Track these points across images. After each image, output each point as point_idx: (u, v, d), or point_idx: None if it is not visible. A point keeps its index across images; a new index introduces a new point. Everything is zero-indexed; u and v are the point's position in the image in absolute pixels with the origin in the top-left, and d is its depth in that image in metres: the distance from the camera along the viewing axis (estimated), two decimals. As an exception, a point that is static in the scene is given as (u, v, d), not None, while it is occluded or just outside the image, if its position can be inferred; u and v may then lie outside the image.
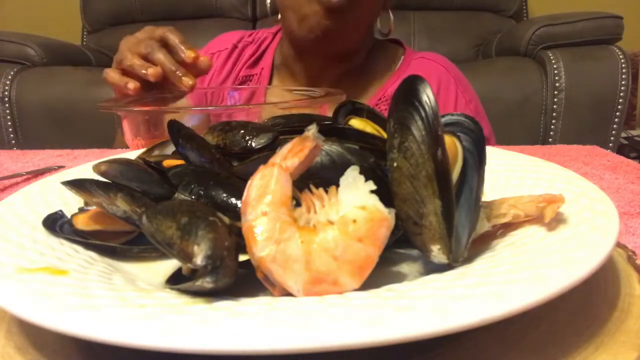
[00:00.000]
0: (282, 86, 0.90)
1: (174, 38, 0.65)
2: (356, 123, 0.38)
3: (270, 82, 0.91)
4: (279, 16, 0.87)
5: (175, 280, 0.27)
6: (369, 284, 0.26)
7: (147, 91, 0.66)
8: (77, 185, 0.33)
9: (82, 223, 0.33)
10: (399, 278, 0.29)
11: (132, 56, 0.64)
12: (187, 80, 0.62)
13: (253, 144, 0.36)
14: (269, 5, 0.92)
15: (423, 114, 0.28)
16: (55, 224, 0.33)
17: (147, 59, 0.65)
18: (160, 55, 0.63)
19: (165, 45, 0.65)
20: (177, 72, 0.62)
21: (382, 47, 0.91)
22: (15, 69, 1.65)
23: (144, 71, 0.63)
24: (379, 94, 0.85)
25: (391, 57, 0.90)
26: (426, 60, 0.89)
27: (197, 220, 0.26)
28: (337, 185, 0.27)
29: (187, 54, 0.64)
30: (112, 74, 0.66)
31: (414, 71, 0.85)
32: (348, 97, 0.71)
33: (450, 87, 0.86)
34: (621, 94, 1.57)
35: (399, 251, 0.32)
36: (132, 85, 0.63)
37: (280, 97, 0.80)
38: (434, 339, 0.21)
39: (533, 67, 1.63)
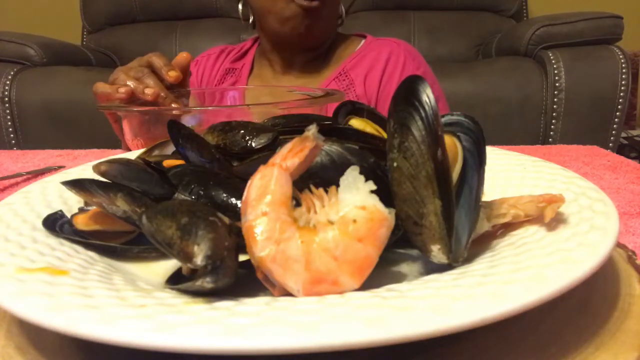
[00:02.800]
0: (259, 85, 1.01)
1: (158, 61, 0.71)
2: (356, 123, 0.38)
3: (250, 72, 1.04)
4: (251, 19, 1.03)
5: (175, 280, 0.27)
6: (369, 284, 0.26)
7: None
8: (77, 185, 0.33)
9: (82, 223, 0.33)
10: (399, 278, 0.29)
11: (126, 77, 0.69)
12: (175, 106, 0.68)
13: (253, 144, 0.36)
14: (241, 12, 1.05)
15: (423, 114, 0.28)
16: (55, 224, 0.33)
17: (139, 82, 0.70)
18: (151, 81, 0.68)
19: (153, 70, 0.71)
20: (167, 99, 0.68)
21: (346, 37, 1.06)
22: (15, 69, 1.65)
23: (139, 91, 0.67)
24: (339, 69, 0.99)
25: (353, 43, 1.05)
26: (381, 40, 1.03)
27: (197, 220, 0.26)
28: (337, 185, 0.27)
29: (170, 75, 0.70)
30: (101, 84, 0.70)
31: (370, 50, 1.00)
32: (313, 76, 0.88)
33: (399, 57, 0.98)
34: (621, 94, 1.57)
35: (399, 251, 0.32)
36: (123, 89, 0.67)
37: (258, 97, 0.87)
38: (434, 339, 0.21)
39: (533, 67, 1.63)
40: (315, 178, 0.30)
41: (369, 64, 0.97)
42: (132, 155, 0.42)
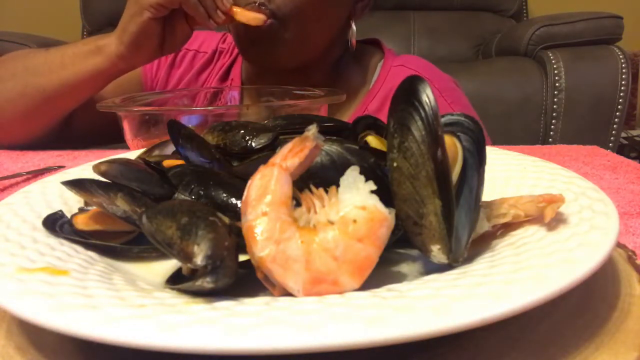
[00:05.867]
0: (257, 85, 0.86)
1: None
2: (373, 141, 0.37)
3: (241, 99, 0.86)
4: None
5: (175, 280, 0.27)
6: (369, 284, 0.26)
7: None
8: (77, 185, 0.33)
9: (82, 223, 0.33)
10: (399, 278, 0.29)
11: None
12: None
13: (253, 144, 0.36)
14: None
15: (423, 114, 0.28)
16: (55, 224, 0.33)
17: None
18: None
19: None
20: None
21: (356, 57, 0.85)
22: (15, 69, 1.65)
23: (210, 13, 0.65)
24: (359, 111, 0.80)
25: (367, 67, 0.85)
26: (406, 69, 0.83)
27: (197, 220, 0.26)
28: (337, 185, 0.27)
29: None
30: None
31: (392, 83, 0.80)
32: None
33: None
34: (621, 94, 1.57)
35: (399, 251, 0.32)
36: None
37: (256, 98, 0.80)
38: (434, 339, 0.21)
39: (533, 67, 1.63)
40: (315, 178, 0.30)
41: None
42: (132, 155, 0.42)
